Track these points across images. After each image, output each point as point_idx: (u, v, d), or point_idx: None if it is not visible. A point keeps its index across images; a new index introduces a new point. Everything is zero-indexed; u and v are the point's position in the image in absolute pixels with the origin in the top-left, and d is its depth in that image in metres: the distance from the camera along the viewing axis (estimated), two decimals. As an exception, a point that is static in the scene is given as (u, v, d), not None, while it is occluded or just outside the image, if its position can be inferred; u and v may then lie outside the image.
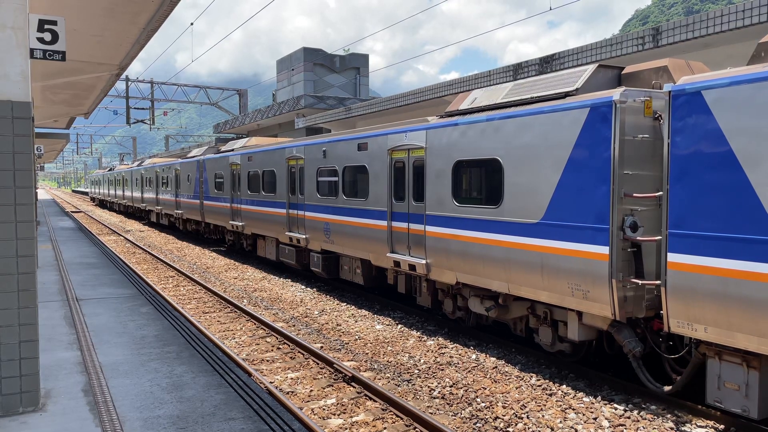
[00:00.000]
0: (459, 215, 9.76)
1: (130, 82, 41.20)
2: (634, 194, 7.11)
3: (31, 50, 5.91)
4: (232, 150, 20.85)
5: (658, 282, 6.96)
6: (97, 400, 6.00)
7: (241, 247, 20.97)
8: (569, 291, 7.82)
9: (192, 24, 26.40)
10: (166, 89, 44.25)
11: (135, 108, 42.18)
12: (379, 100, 23.59)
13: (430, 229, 10.46)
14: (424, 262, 10.60)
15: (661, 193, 6.95)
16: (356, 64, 41.16)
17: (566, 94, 8.11)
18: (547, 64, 14.96)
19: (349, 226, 13.04)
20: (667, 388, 7.20)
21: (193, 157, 25.85)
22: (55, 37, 6.14)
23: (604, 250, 7.28)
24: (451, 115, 10.31)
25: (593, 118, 7.43)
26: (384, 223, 11.80)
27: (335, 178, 13.60)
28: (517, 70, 15.99)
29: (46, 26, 6.09)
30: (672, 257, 6.60)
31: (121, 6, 8.96)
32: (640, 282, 7.11)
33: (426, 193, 10.54)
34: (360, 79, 40.94)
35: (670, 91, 6.61)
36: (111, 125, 61.55)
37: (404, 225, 11.28)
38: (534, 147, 8.32)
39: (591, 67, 8.24)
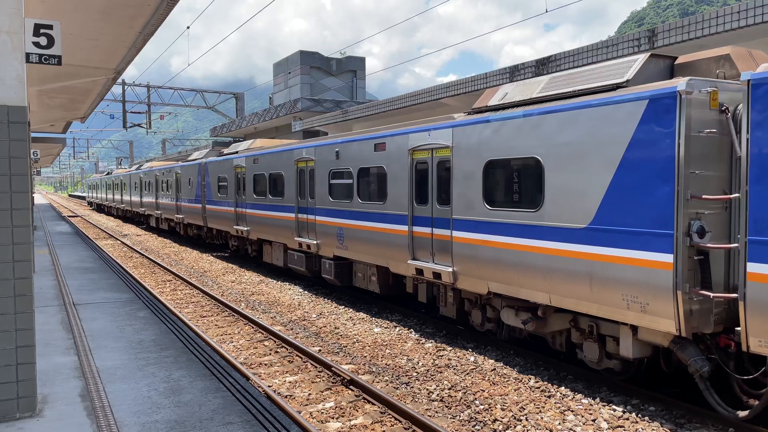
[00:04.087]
0: (491, 219, 9.01)
1: (126, 86, 41.18)
2: (703, 196, 6.39)
3: (27, 54, 5.89)
4: (236, 152, 20.31)
5: (734, 295, 6.23)
6: (94, 405, 5.98)
7: (245, 253, 20.44)
8: (623, 303, 7.05)
9: (188, 28, 26.40)
10: (163, 93, 44.22)
11: (131, 112, 42.16)
12: (376, 102, 23.60)
13: (457, 234, 9.74)
14: (450, 270, 9.84)
15: (737, 195, 6.34)
16: (353, 67, 41.20)
17: (617, 86, 7.41)
18: (543, 66, 14.99)
19: (365, 231, 12.35)
20: (742, 414, 6.50)
21: (195, 160, 25.27)
22: (50, 42, 6.13)
23: (668, 258, 6.56)
24: (480, 111, 9.57)
25: (653, 111, 6.71)
26: (404, 228, 11.08)
27: (349, 181, 12.90)
28: (513, 73, 16.02)
29: (41, 30, 6.08)
30: (753, 267, 5.90)
31: (117, 10, 8.96)
32: (711, 295, 6.33)
33: (453, 196, 9.81)
34: (357, 82, 40.98)
35: (749, 80, 5.93)
36: (107, 129, 61.47)
37: (427, 230, 10.54)
38: (580, 144, 7.60)
39: (642, 57, 7.56)
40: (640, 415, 7.15)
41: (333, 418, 7.26)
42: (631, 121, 6.96)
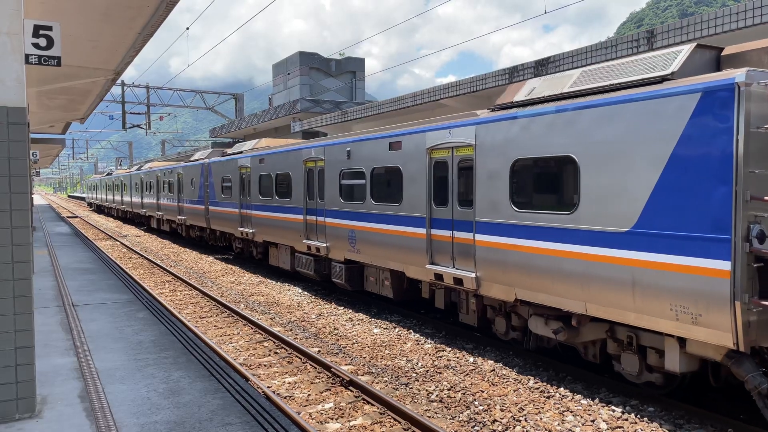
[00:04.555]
0: (519, 222, 8.48)
1: (125, 87, 41.17)
2: (765, 197, 5.92)
3: (27, 56, 5.90)
4: (241, 152, 19.79)
5: None
6: (93, 406, 5.98)
7: (250, 256, 19.91)
8: (672, 314, 6.54)
9: (188, 29, 26.41)
10: (162, 94, 44.20)
11: (131, 113, 42.11)
12: (376, 103, 23.62)
13: (481, 238, 9.18)
14: (472, 275, 9.30)
15: None
16: (352, 67, 41.22)
17: (663, 79, 6.92)
18: (542, 67, 15.00)
19: (378, 234, 11.82)
20: None
21: (197, 160, 24.79)
22: (50, 43, 6.14)
23: (724, 265, 6.04)
24: (504, 107, 9.08)
25: (707, 105, 6.21)
26: (422, 230, 10.54)
27: (362, 181, 12.39)
28: (512, 73, 16.03)
29: (41, 32, 6.09)
30: None
31: (117, 11, 8.96)
32: None
33: (476, 197, 9.28)
34: (356, 82, 40.99)
35: None
36: (107, 130, 61.44)
37: (447, 233, 10.00)
38: (621, 141, 7.08)
39: (688, 47, 7.11)
40: (639, 416, 7.16)
41: (332, 418, 7.27)
42: (681, 115, 6.46)
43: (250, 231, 18.27)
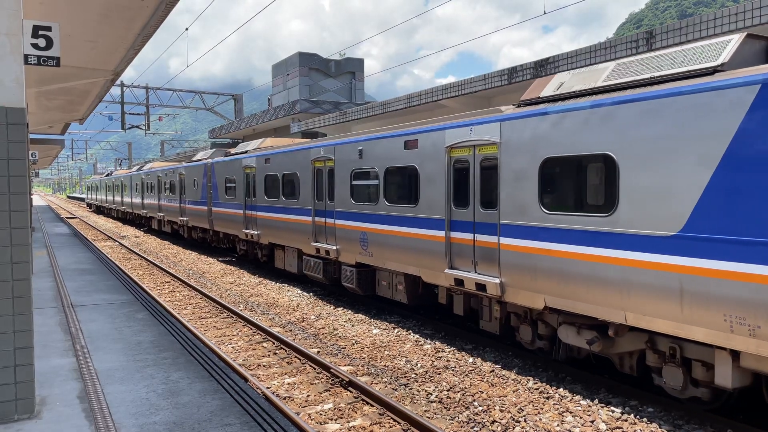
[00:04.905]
0: (549, 225, 7.99)
1: (125, 88, 41.18)
2: None
3: (26, 56, 5.90)
4: (245, 152, 19.34)
5: None
6: (92, 407, 5.97)
7: (255, 258, 19.43)
8: (725, 325, 6.05)
9: (187, 29, 26.41)
10: (161, 94, 44.21)
11: (130, 113, 42.12)
12: (375, 104, 23.62)
13: (506, 241, 8.69)
14: (497, 281, 8.81)
15: None
16: (352, 68, 41.24)
17: (714, 70, 6.49)
18: (541, 67, 15.01)
19: (392, 236, 11.34)
20: None
21: (200, 160, 24.32)
22: (49, 43, 6.14)
23: None
24: (531, 103, 8.63)
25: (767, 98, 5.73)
26: (440, 233, 10.06)
27: (375, 182, 11.93)
28: (512, 74, 16.04)
29: (40, 32, 6.09)
30: None
31: (116, 12, 8.96)
32: None
33: (500, 198, 8.79)
34: (355, 83, 41.01)
35: None
36: (106, 131, 61.47)
37: (468, 236, 9.52)
38: (666, 138, 6.60)
39: (737, 37, 6.71)
40: (638, 417, 7.16)
41: (332, 419, 7.26)
42: (737, 109, 5.99)
43: (255, 233, 17.84)
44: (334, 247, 13.40)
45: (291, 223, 15.57)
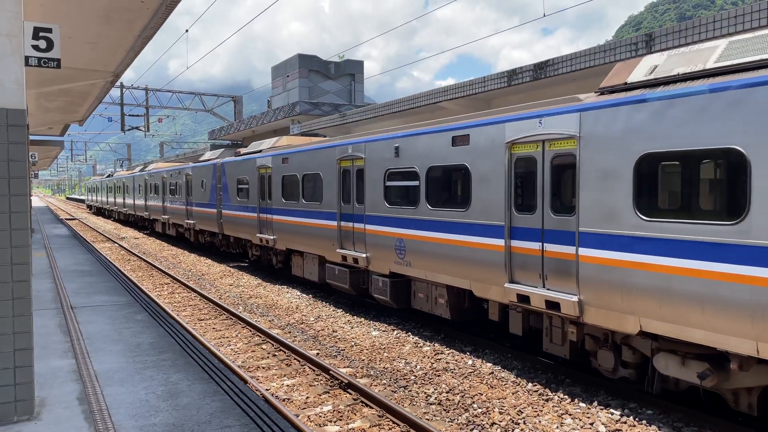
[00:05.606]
0: (648, 234, 6.79)
1: (124, 89, 41.20)
2: None
3: (26, 58, 5.90)
4: (259, 151, 18.35)
5: None
6: (92, 409, 5.97)
7: (269, 264, 18.37)
8: None
9: (187, 31, 26.43)
10: (161, 96, 44.23)
11: (130, 115, 42.13)
12: (375, 106, 23.64)
13: (587, 252, 7.48)
14: (574, 299, 7.59)
15: None
16: (351, 70, 41.27)
17: None
18: (541, 70, 15.04)
19: (437, 244, 10.21)
20: None
21: (209, 160, 23.21)
22: (50, 45, 6.14)
23: None
24: (617, 90, 7.51)
25: None
26: (498, 242, 8.89)
27: (414, 183, 10.79)
28: (511, 76, 16.07)
29: (41, 34, 6.09)
30: None
31: (116, 13, 8.97)
32: None
33: (580, 202, 7.56)
34: (355, 85, 41.04)
35: None
36: (105, 132, 61.50)
37: (535, 246, 8.32)
38: None
39: None
40: (637, 419, 7.16)
41: (331, 421, 7.26)
42: None
43: (271, 238, 16.67)
44: (364, 255, 12.29)
45: (312, 227, 14.46)
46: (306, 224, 14.74)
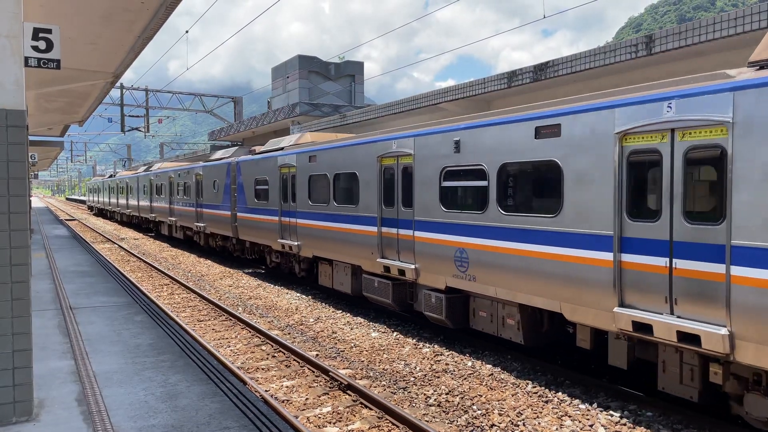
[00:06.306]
0: None
1: (124, 90, 41.21)
2: None
3: (26, 58, 5.90)
4: (281, 148, 16.82)
5: None
6: (91, 410, 5.96)
7: (290, 272, 16.96)
8: None
9: (187, 32, 26.45)
10: (161, 97, 44.24)
11: (130, 116, 42.13)
12: (375, 107, 23.66)
13: (744, 272, 5.91)
14: (723, 331, 6.03)
15: None
16: (351, 71, 41.27)
17: None
18: (540, 71, 15.04)
19: (514, 256, 8.67)
20: None
21: (222, 159, 21.73)
22: (50, 46, 6.13)
23: None
24: None
25: None
26: (602, 255, 7.33)
27: (482, 183, 9.29)
28: (511, 77, 16.08)
29: (40, 34, 6.09)
30: None
31: (116, 14, 8.97)
32: None
33: (732, 208, 6.02)
34: (355, 86, 41.04)
35: None
36: (105, 133, 61.50)
37: (660, 261, 6.72)
38: None
39: None
40: (637, 421, 7.15)
41: (330, 422, 7.26)
42: None
43: (295, 243, 15.14)
44: (413, 266, 10.78)
45: (346, 233, 13.00)
46: (338, 229, 13.31)
